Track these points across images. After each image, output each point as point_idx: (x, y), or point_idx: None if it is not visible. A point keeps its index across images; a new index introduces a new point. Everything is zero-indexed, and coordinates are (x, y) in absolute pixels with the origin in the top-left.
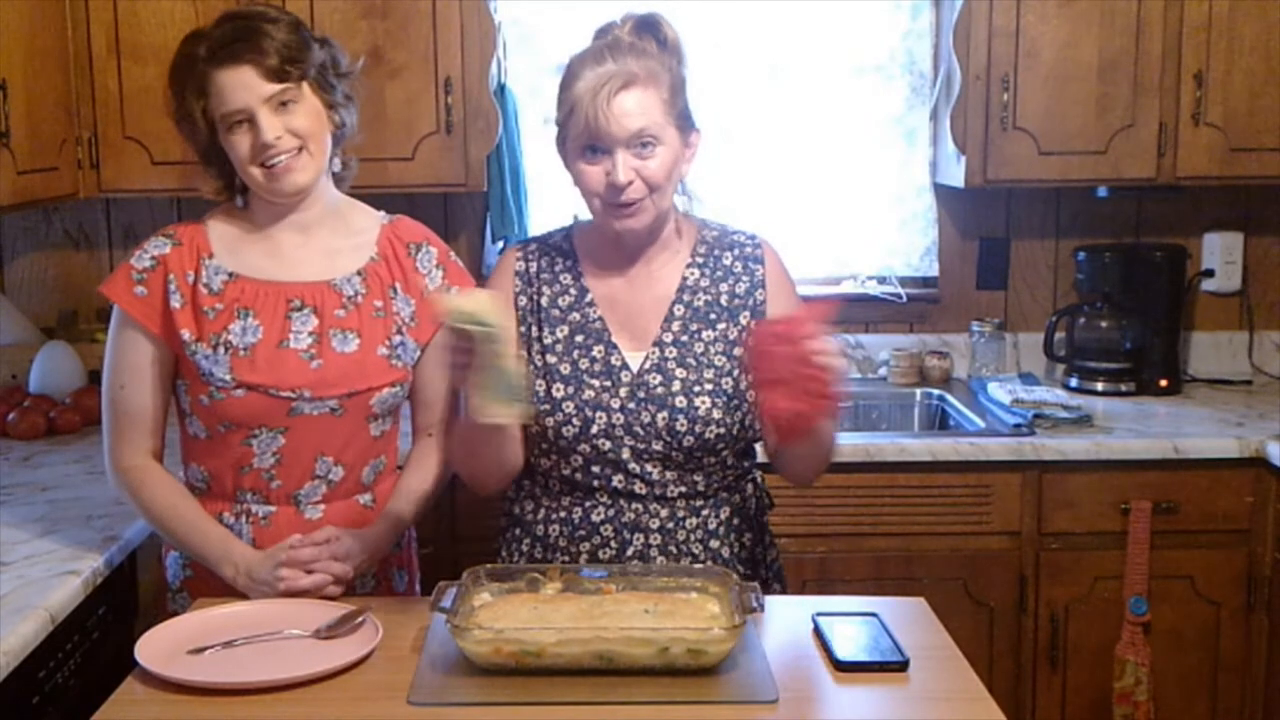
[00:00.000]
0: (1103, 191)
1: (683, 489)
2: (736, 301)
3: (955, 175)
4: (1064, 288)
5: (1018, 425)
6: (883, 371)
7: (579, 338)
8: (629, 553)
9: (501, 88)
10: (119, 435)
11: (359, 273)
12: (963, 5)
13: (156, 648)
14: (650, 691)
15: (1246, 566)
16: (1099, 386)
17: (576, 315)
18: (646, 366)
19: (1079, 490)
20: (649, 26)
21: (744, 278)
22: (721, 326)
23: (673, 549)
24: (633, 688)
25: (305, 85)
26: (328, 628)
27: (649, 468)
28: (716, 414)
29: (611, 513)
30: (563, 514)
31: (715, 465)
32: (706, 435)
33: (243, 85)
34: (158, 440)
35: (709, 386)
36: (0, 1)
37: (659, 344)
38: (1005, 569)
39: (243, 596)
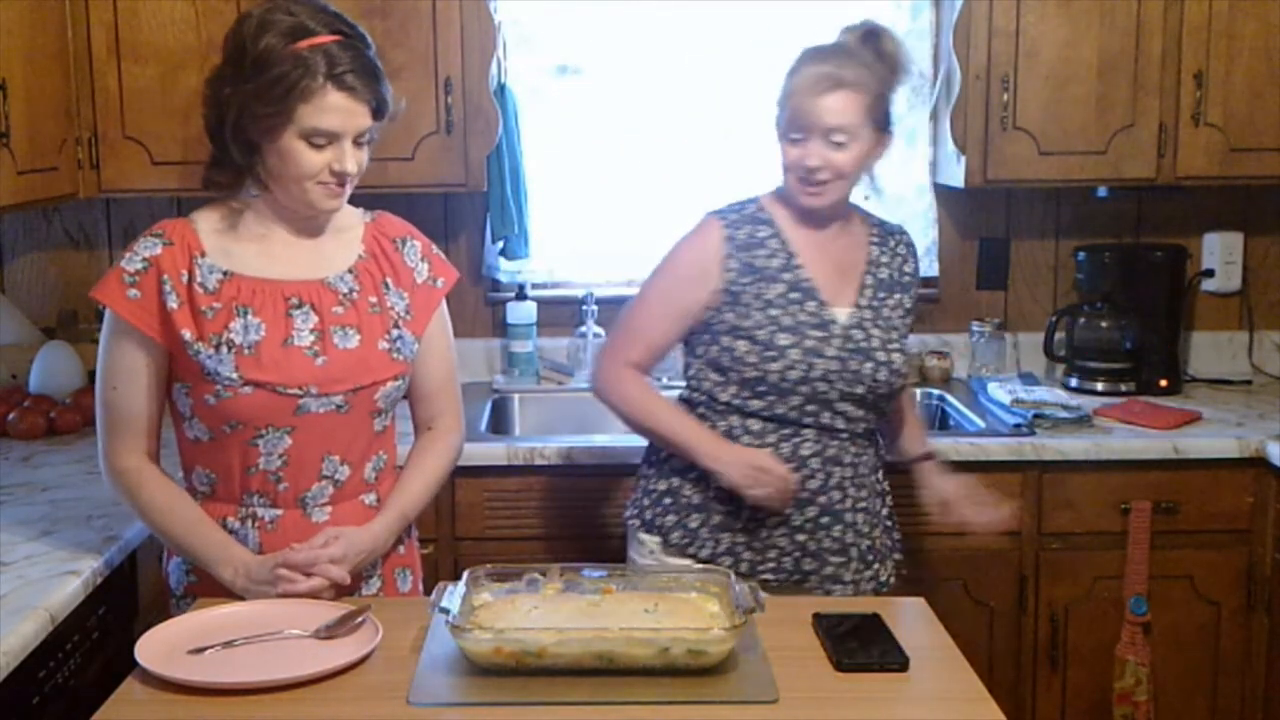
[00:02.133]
0: (1103, 191)
1: (868, 425)
2: (907, 279)
3: (955, 175)
4: (1064, 288)
5: (1018, 425)
6: None
7: (793, 294)
8: (831, 483)
9: (501, 88)
10: (114, 436)
11: (350, 270)
12: (963, 5)
13: (156, 648)
14: (650, 691)
15: (1246, 566)
16: (1099, 386)
17: (789, 275)
18: (852, 323)
19: (1079, 490)
20: (872, 38)
21: (909, 261)
22: (898, 297)
23: (860, 480)
24: (633, 688)
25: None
26: (327, 628)
27: (849, 407)
28: (904, 368)
29: (818, 447)
30: (773, 448)
31: (884, 409)
32: (894, 383)
33: (350, 114)
34: (154, 441)
35: (896, 345)
36: (0, 2)
37: (858, 305)
38: (1005, 569)
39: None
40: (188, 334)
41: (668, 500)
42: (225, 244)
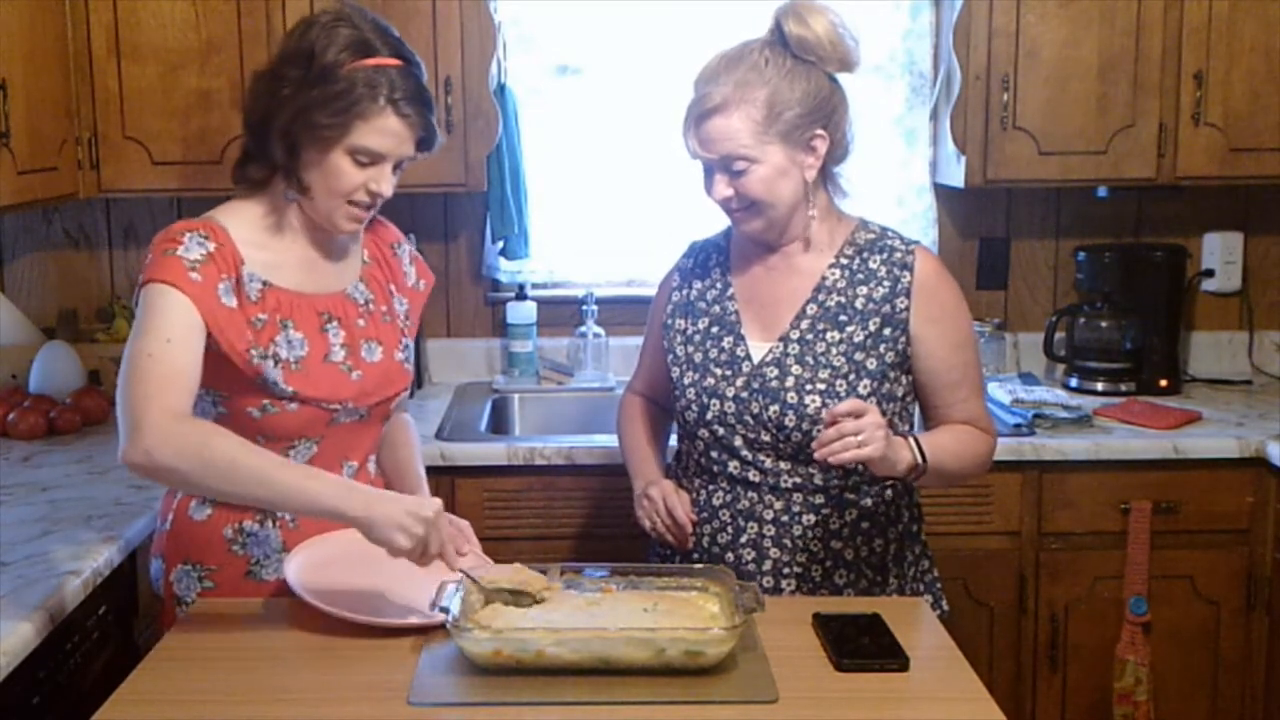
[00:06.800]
0: (1103, 191)
1: (797, 481)
2: (871, 306)
3: (955, 175)
4: (1064, 288)
5: (1018, 425)
6: None
7: (714, 329)
8: (742, 540)
9: (501, 88)
10: (168, 388)
11: (360, 278)
12: (963, 5)
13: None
14: (650, 691)
15: (1246, 566)
16: (1099, 386)
17: (717, 309)
18: (767, 359)
19: (1079, 490)
20: (777, 24)
21: (885, 282)
22: (850, 329)
23: (787, 542)
24: (632, 688)
25: None
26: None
27: (761, 457)
28: (826, 414)
29: (729, 498)
30: (692, 495)
31: (833, 464)
32: (814, 434)
33: (401, 139)
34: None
35: (822, 387)
36: (0, 2)
37: (784, 339)
38: (1005, 569)
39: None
40: (249, 336)
41: None
42: (257, 252)
